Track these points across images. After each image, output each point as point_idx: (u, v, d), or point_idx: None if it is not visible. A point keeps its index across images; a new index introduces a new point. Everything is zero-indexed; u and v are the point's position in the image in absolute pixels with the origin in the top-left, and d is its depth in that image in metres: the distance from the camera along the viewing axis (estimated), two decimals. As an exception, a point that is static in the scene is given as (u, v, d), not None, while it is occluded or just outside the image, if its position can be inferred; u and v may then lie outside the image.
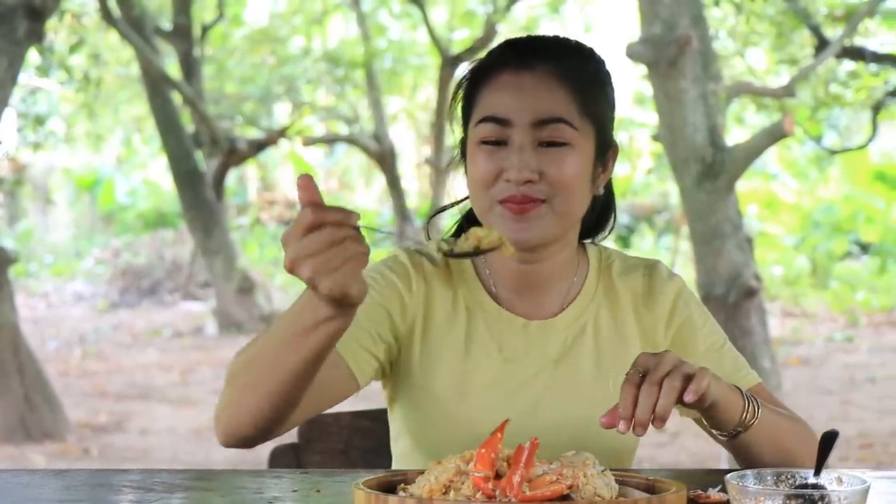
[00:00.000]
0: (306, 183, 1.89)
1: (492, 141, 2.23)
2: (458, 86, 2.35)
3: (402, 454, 2.40)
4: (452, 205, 2.51)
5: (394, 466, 2.41)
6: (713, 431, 2.18)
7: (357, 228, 1.84)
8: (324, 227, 1.84)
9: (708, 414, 2.12)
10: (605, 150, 2.32)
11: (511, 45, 2.31)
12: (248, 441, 2.15)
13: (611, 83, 2.34)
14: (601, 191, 2.34)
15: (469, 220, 2.43)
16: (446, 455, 1.89)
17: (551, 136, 2.22)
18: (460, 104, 2.34)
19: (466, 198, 2.41)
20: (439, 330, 2.34)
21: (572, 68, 2.26)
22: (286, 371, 2.04)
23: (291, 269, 1.87)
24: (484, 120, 2.24)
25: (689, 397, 1.99)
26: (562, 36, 2.36)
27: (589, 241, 2.46)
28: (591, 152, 2.27)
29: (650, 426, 1.97)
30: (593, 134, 2.27)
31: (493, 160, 2.23)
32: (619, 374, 2.29)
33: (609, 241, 2.50)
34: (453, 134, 2.41)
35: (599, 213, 2.43)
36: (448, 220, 2.52)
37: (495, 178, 2.23)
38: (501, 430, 1.85)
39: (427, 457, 2.26)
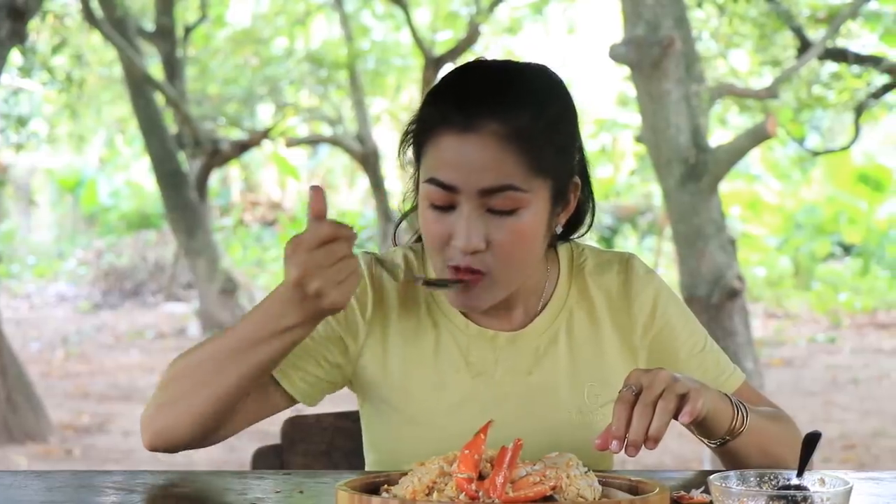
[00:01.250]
0: (319, 196, 1.99)
1: (439, 206, 2.14)
2: (406, 133, 2.25)
3: (373, 466, 2.38)
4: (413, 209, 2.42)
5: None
6: (702, 439, 2.16)
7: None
8: (336, 241, 1.96)
9: (698, 426, 2.10)
10: (565, 193, 2.21)
11: (455, 98, 2.15)
12: (175, 446, 2.20)
13: (568, 118, 2.20)
14: (560, 229, 2.25)
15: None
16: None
17: (499, 204, 2.11)
18: (411, 147, 2.24)
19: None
20: (404, 344, 2.28)
21: (521, 126, 2.10)
22: (236, 376, 2.12)
23: (300, 279, 1.97)
24: (430, 181, 2.14)
25: (684, 419, 1.97)
26: (511, 67, 2.20)
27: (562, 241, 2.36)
28: (545, 206, 2.16)
29: (643, 447, 1.94)
30: (548, 185, 2.15)
31: (443, 224, 2.14)
32: (594, 383, 2.29)
33: (591, 243, 2.42)
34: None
35: (573, 216, 2.30)
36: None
37: (446, 241, 2.14)
38: (485, 430, 1.85)
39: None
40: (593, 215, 2.33)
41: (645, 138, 7.11)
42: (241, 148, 15.62)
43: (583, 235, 2.36)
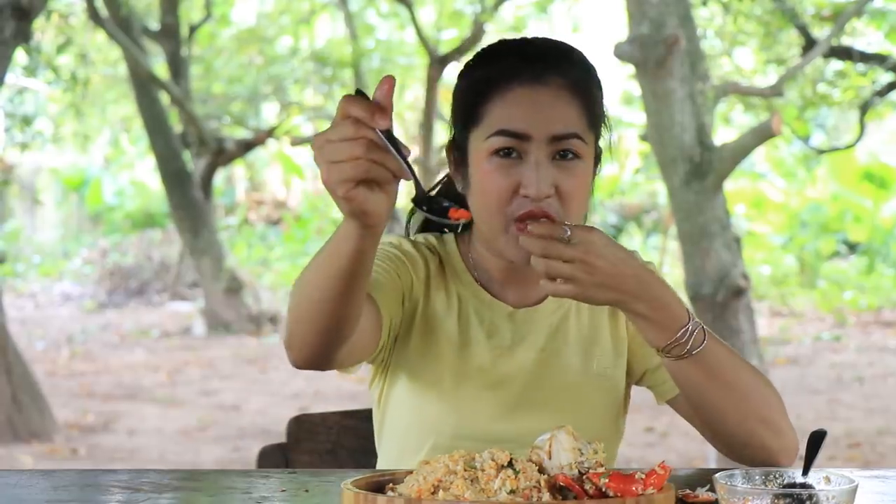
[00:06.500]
0: (384, 84, 1.76)
1: (506, 153, 2.21)
2: (458, 92, 2.31)
3: (389, 451, 2.39)
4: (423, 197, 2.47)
5: (380, 466, 2.41)
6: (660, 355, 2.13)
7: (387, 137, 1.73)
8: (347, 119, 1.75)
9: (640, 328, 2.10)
10: (599, 157, 2.34)
11: (520, 56, 2.27)
12: (316, 361, 2.07)
13: (603, 86, 2.34)
14: (594, 194, 2.36)
15: (429, 225, 2.47)
16: (435, 444, 1.89)
17: (566, 150, 2.22)
18: (458, 111, 2.31)
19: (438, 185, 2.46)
20: (436, 318, 2.35)
21: (581, 82, 2.26)
22: (327, 288, 1.96)
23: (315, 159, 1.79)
24: (498, 133, 2.22)
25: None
26: (558, 41, 2.34)
27: None
28: (591, 162, 2.28)
29: None
30: (594, 143, 2.29)
31: (510, 175, 2.21)
32: (603, 354, 2.38)
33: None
34: (447, 130, 2.38)
35: None
36: None
37: (512, 193, 2.21)
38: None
39: (415, 451, 2.29)
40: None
41: (650, 137, 7.11)
42: (246, 147, 15.63)
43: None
